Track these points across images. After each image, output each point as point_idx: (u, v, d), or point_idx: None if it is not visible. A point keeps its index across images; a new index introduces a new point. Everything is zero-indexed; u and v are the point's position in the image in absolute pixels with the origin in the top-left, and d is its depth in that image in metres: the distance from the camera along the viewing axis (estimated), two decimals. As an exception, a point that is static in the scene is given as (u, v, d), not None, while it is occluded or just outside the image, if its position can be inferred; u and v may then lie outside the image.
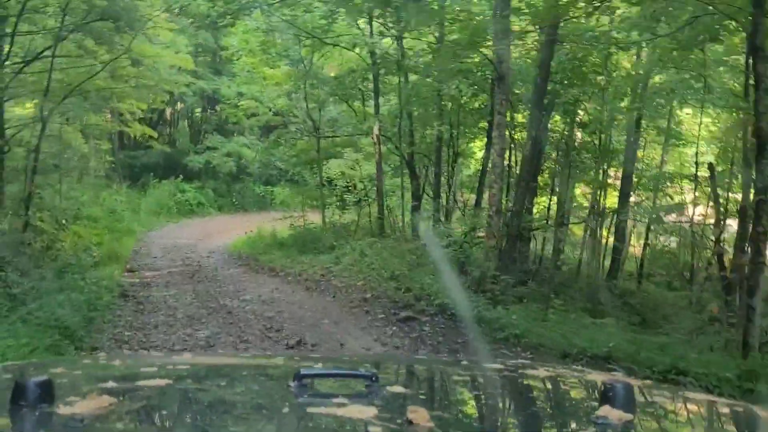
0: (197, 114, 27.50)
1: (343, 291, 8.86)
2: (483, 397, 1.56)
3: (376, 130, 12.69)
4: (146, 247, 16.02)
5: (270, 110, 16.79)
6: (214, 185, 24.44)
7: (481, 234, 9.64)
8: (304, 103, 15.39)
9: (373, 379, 1.30)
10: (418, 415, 1.07)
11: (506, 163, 15.18)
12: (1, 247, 9.22)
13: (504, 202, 10.31)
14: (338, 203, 18.37)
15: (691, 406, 1.53)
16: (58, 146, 16.70)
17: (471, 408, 1.46)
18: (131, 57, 13.78)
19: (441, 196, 13.75)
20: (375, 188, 15.56)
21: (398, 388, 1.41)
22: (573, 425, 1.33)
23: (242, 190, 24.89)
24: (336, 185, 17.59)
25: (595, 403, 1.20)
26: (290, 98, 16.75)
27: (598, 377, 1.64)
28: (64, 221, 12.14)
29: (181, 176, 23.34)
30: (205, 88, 23.86)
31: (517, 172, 12.22)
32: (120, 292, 8.86)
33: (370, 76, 13.49)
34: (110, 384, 1.31)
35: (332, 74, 15.20)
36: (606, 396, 1.18)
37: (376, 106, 12.25)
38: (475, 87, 11.77)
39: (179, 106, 29.26)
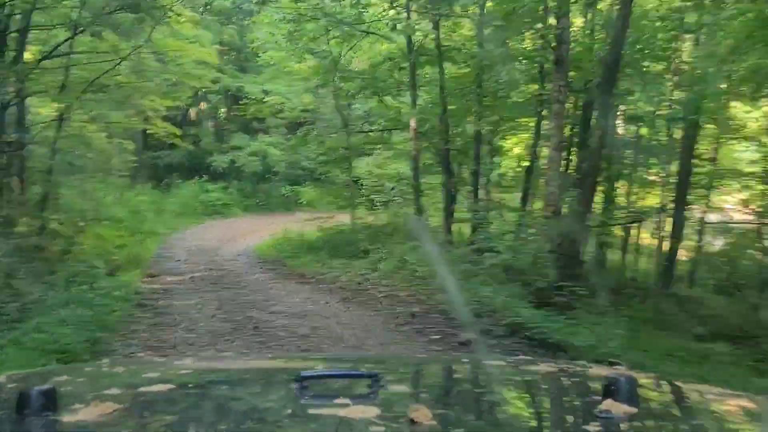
0: (222, 113, 26.87)
1: (385, 303, 7.96)
2: (485, 393, 1.55)
3: (413, 124, 11.79)
4: (169, 249, 15.35)
5: (297, 107, 15.99)
6: (239, 185, 23.79)
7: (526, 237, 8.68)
8: (333, 99, 14.58)
9: (375, 378, 1.29)
10: (421, 413, 1.06)
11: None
12: (10, 253, 8.54)
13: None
14: (366, 204, 17.56)
15: (696, 399, 1.51)
16: (80, 145, 16.18)
17: (473, 405, 1.42)
18: (153, 51, 13.12)
19: (478, 195, 12.82)
20: (409, 187, 14.68)
21: (400, 387, 1.41)
22: (576, 419, 1.29)
23: (268, 191, 24.19)
24: (362, 185, 16.78)
25: (599, 397, 1.19)
26: (318, 94, 15.95)
27: (600, 371, 1.63)
28: (82, 223, 11.44)
29: (205, 176, 22.74)
30: (230, 85, 23.22)
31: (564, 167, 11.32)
32: (137, 302, 8.11)
33: (406, 66, 12.59)
34: (113, 390, 1.34)
35: (363, 67, 14.33)
36: (609, 389, 1.18)
37: (413, 97, 11.36)
38: (524, 74, 10.82)
39: (203, 105, 28.76)
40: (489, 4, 10.06)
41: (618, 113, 12.38)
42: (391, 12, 11.49)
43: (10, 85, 10.47)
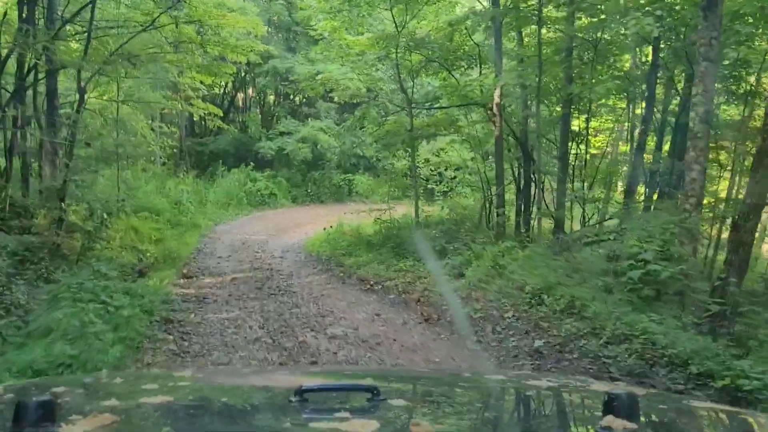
0: (270, 96, 25.27)
1: (489, 329, 5.87)
2: (486, 408, 1.54)
3: (497, 98, 9.78)
4: (211, 243, 13.78)
5: (353, 85, 14.15)
6: (288, 174, 22.16)
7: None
8: (395, 74, 12.70)
9: (375, 392, 1.28)
10: (421, 428, 1.06)
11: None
12: (13, 253, 6.99)
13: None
14: (423, 194, 15.73)
15: (696, 415, 1.46)
16: (113, 127, 14.79)
17: (474, 420, 1.40)
18: (192, 20, 11.47)
19: (565, 185, 10.72)
20: (474, 176, 12.73)
21: (400, 401, 1.36)
22: None
23: (318, 179, 22.50)
24: (418, 173, 14.94)
25: (599, 413, 1.18)
26: (377, 69, 14.08)
27: (601, 387, 1.60)
28: (105, 215, 9.89)
29: (252, 164, 21.17)
30: (278, 66, 21.59)
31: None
32: (163, 316, 6.43)
33: (482, 32, 10.61)
34: (112, 402, 1.32)
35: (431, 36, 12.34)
36: (610, 405, 1.17)
37: (498, 66, 9.35)
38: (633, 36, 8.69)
39: (251, 91, 27.28)
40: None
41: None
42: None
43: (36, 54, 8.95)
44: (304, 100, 24.12)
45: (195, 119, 26.62)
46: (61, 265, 8.24)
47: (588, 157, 13.02)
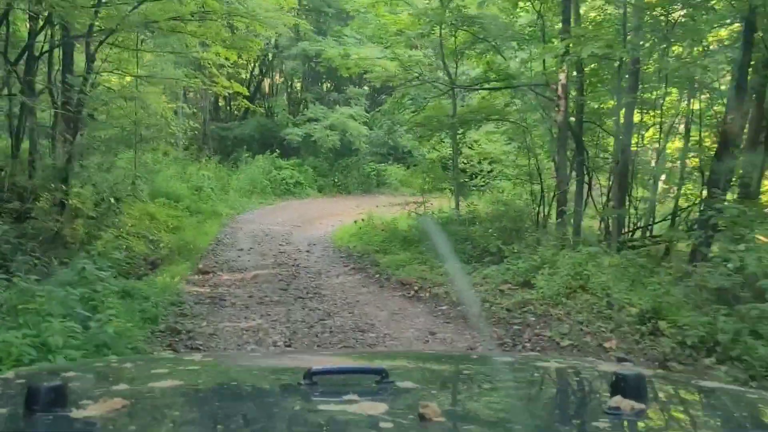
0: (297, 82, 24.16)
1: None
2: (494, 390, 1.53)
3: (563, 78, 8.51)
4: (232, 234, 12.73)
5: (391, 66, 12.94)
6: (314, 162, 21.04)
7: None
8: (437, 54, 11.49)
9: (384, 375, 1.27)
10: (430, 409, 1.06)
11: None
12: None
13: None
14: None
15: (705, 395, 1.44)
16: (137, 108, 13.79)
17: (482, 401, 1.40)
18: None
19: (628, 181, 9.41)
20: (531, 167, 11.47)
21: (409, 383, 1.34)
22: (585, 416, 1.29)
23: (346, 169, 21.36)
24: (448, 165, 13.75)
25: (607, 394, 1.18)
26: (417, 49, 12.88)
27: (609, 367, 1.54)
28: (113, 200, 8.85)
29: (277, 151, 20.09)
30: (308, 49, 20.45)
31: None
32: (168, 324, 5.34)
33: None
34: (122, 386, 1.32)
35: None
36: (618, 386, 1.17)
37: (565, 37, 7.99)
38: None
39: (278, 76, 26.23)
40: None
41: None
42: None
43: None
44: (333, 85, 22.99)
45: (220, 104, 25.81)
46: (61, 256, 7.22)
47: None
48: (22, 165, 8.82)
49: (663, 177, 10.58)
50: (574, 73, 9.40)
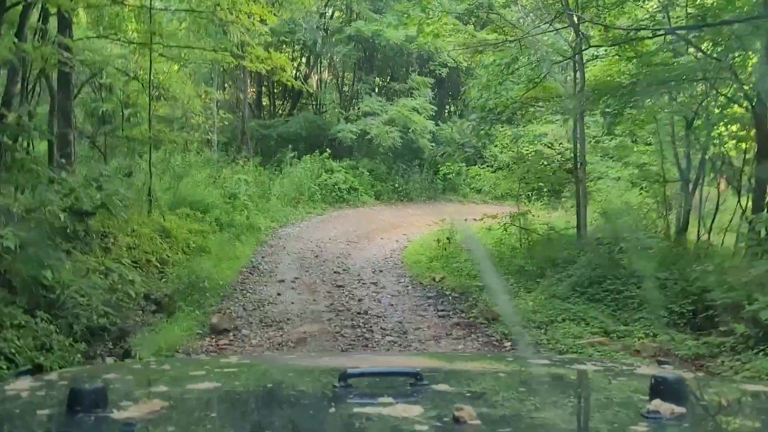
0: (350, 70, 21.01)
1: None
2: (530, 392, 1.48)
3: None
4: (271, 256, 9.63)
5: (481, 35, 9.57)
6: (370, 165, 17.83)
7: None
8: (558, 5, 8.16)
9: (418, 377, 1.27)
10: (465, 412, 1.05)
11: None
12: None
13: None
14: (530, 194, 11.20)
15: (746, 399, 1.38)
16: (152, 92, 10.87)
17: (518, 404, 1.35)
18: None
19: None
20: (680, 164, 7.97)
21: (444, 386, 1.33)
22: (623, 419, 1.23)
23: (409, 172, 18.11)
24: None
25: (646, 397, 1.14)
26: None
27: (648, 370, 1.51)
28: (92, 210, 5.78)
29: (327, 152, 16.94)
30: (363, 30, 17.34)
31: None
32: None
33: None
34: (161, 388, 1.37)
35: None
36: (657, 389, 1.14)
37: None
38: None
39: (326, 75, 23.22)
40: None
41: None
42: None
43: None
44: (390, 75, 19.81)
45: (263, 103, 22.91)
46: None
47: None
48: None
49: None
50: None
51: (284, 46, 21.49)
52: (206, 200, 11.97)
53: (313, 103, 21.91)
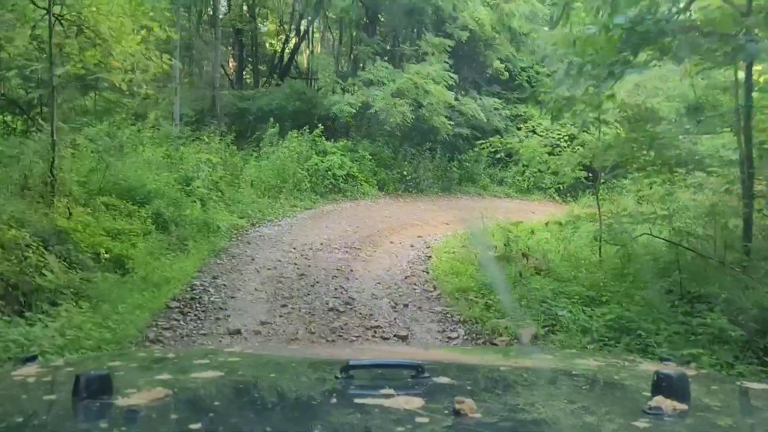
0: (349, 32, 17.39)
1: None
2: (531, 387, 1.49)
3: None
4: (229, 276, 6.15)
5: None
6: (373, 148, 14.26)
7: None
8: None
9: (420, 369, 1.27)
10: (466, 405, 1.04)
11: None
12: None
13: None
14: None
15: (749, 396, 1.37)
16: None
17: (519, 398, 1.36)
18: None
19: None
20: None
21: (445, 379, 1.33)
22: (625, 415, 1.20)
23: (419, 157, 14.62)
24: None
25: (648, 393, 1.13)
26: None
27: (650, 367, 1.48)
28: None
29: (319, 129, 13.33)
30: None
31: None
32: None
33: None
34: (165, 376, 1.37)
35: None
36: (659, 386, 1.13)
37: None
38: None
39: (319, 33, 19.68)
40: None
41: None
42: None
43: None
44: (398, 35, 16.23)
45: (245, 75, 19.32)
46: None
47: None
48: None
49: None
50: None
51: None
52: (148, 187, 8.43)
53: (305, 77, 18.37)
